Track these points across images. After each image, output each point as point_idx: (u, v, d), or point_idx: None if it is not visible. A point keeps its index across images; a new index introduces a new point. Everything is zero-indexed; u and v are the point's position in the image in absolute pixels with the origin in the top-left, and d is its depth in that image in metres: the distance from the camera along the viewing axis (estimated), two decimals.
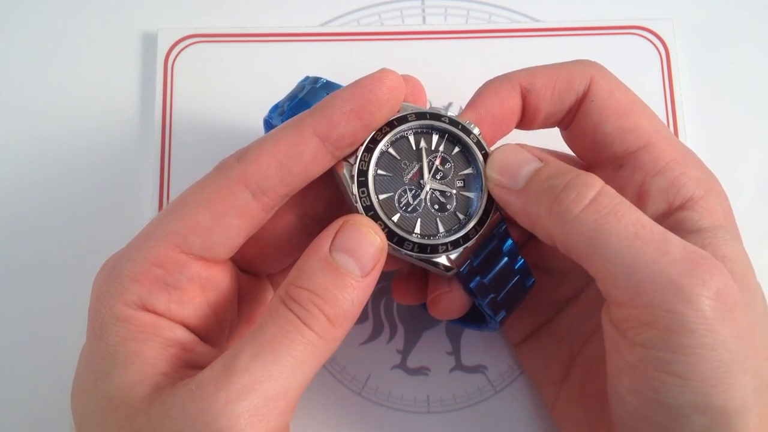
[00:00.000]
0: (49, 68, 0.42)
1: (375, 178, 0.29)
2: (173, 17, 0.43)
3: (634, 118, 0.31)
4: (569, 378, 0.33)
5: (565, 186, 0.27)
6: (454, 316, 0.32)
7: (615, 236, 0.26)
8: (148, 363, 0.26)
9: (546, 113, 0.32)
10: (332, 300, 0.26)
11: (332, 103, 0.27)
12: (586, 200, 0.27)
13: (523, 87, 0.31)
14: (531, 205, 0.28)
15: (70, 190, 0.40)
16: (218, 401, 0.24)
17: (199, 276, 0.28)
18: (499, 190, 0.29)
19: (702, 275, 0.25)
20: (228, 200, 0.27)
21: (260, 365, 0.24)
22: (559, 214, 0.27)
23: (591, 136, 0.32)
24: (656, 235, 0.26)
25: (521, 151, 0.30)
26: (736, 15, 0.44)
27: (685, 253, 0.26)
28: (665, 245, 0.26)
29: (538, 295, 0.33)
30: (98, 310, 0.27)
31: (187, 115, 0.41)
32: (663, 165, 0.30)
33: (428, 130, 0.30)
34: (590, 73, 0.31)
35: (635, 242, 0.26)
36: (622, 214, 0.26)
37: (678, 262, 0.25)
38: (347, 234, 0.27)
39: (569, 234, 0.27)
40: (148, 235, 0.28)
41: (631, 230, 0.26)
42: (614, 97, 0.31)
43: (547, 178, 0.28)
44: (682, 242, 0.26)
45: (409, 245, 0.29)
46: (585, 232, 0.26)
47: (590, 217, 0.27)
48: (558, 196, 0.27)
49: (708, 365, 0.25)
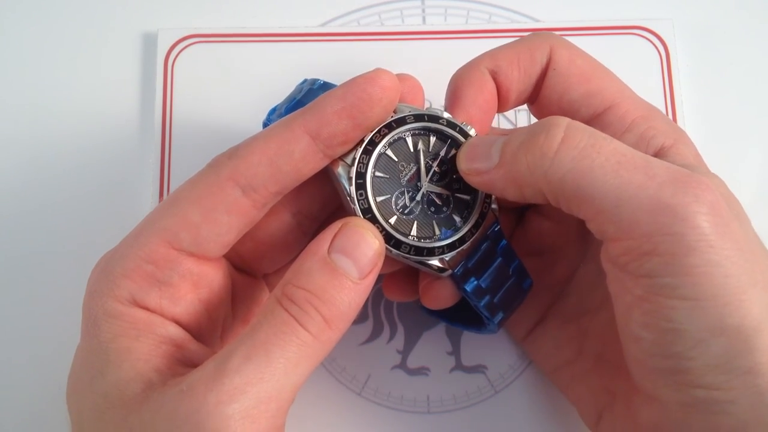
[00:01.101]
0: (49, 68, 0.42)
1: (373, 180, 0.29)
2: (173, 17, 0.43)
3: (597, 82, 0.31)
4: (583, 354, 0.33)
5: (533, 134, 0.27)
6: (446, 305, 0.31)
7: (598, 169, 0.25)
8: (141, 359, 0.26)
9: (517, 91, 0.32)
10: (329, 301, 0.26)
11: (324, 102, 0.27)
12: (558, 138, 0.26)
13: (490, 70, 0.31)
14: (511, 171, 0.28)
15: (70, 189, 0.40)
16: (209, 402, 0.24)
17: (190, 273, 0.28)
18: (479, 177, 0.29)
19: (693, 192, 0.25)
20: (217, 196, 0.27)
21: (253, 367, 0.24)
22: (536, 163, 0.27)
23: (557, 104, 0.32)
24: (639, 160, 0.26)
25: (485, 136, 0.30)
26: (736, 15, 0.44)
27: (671, 172, 0.25)
28: (650, 169, 0.25)
29: (536, 280, 0.33)
30: (91, 307, 0.27)
31: (187, 115, 0.41)
32: (630, 122, 0.31)
33: (426, 131, 0.30)
34: (549, 42, 0.32)
35: (620, 171, 0.25)
36: (600, 146, 0.26)
37: (667, 183, 0.25)
38: (346, 236, 0.27)
39: (553, 180, 0.26)
40: (140, 232, 0.28)
41: (612, 160, 0.26)
42: (575, 63, 0.32)
43: (517, 139, 0.28)
44: (664, 164, 0.26)
45: (405, 248, 0.29)
46: (567, 173, 0.26)
47: (568, 154, 0.26)
48: (530, 146, 0.27)
49: (717, 282, 0.24)
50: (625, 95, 0.31)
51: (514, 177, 0.28)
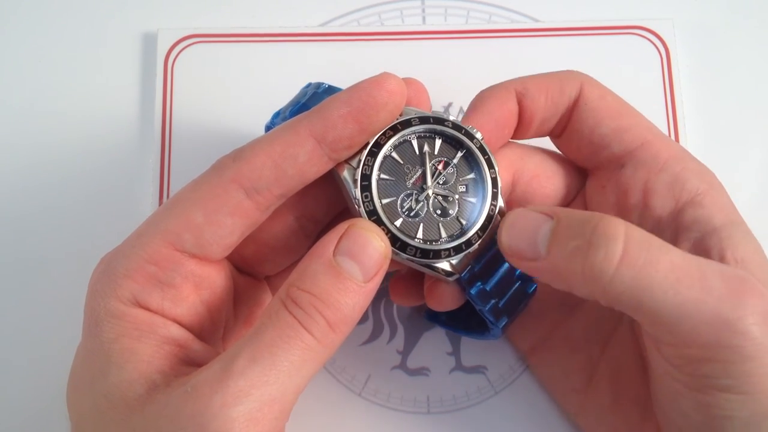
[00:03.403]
0: (49, 68, 0.42)
1: (378, 182, 0.29)
2: (173, 17, 0.43)
3: (628, 118, 0.32)
4: (594, 385, 0.33)
5: (590, 245, 0.26)
6: (450, 307, 0.31)
7: (657, 287, 0.25)
8: (144, 361, 0.26)
9: (541, 118, 0.32)
10: (334, 304, 0.26)
11: (330, 106, 0.27)
12: (617, 256, 0.25)
13: (517, 91, 0.32)
14: (562, 272, 0.27)
15: (70, 190, 0.40)
16: (214, 404, 0.24)
17: (192, 274, 0.28)
18: (525, 264, 0.28)
19: (749, 302, 0.25)
20: (221, 198, 0.27)
21: (258, 369, 0.24)
22: (593, 277, 0.26)
23: (588, 139, 0.32)
24: (694, 272, 0.26)
25: (529, 214, 0.28)
26: (736, 15, 0.44)
27: (725, 283, 0.26)
28: (705, 281, 0.26)
29: (542, 298, 0.33)
30: (93, 307, 0.27)
31: (187, 116, 0.41)
32: (663, 161, 0.31)
33: (431, 134, 0.30)
34: (580, 79, 0.32)
35: (679, 288, 0.25)
36: (657, 261, 0.26)
37: (724, 297, 0.25)
38: (352, 238, 0.27)
39: (610, 293, 0.26)
40: (142, 232, 0.28)
41: (671, 277, 0.25)
42: (606, 100, 0.32)
43: (568, 240, 0.27)
44: (718, 270, 0.26)
45: (411, 250, 0.28)
46: (626, 290, 0.26)
47: (627, 273, 0.25)
48: (587, 259, 0.26)
49: None
50: (655, 133, 0.32)
51: (566, 279, 0.27)
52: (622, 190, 0.31)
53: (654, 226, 0.30)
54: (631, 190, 0.31)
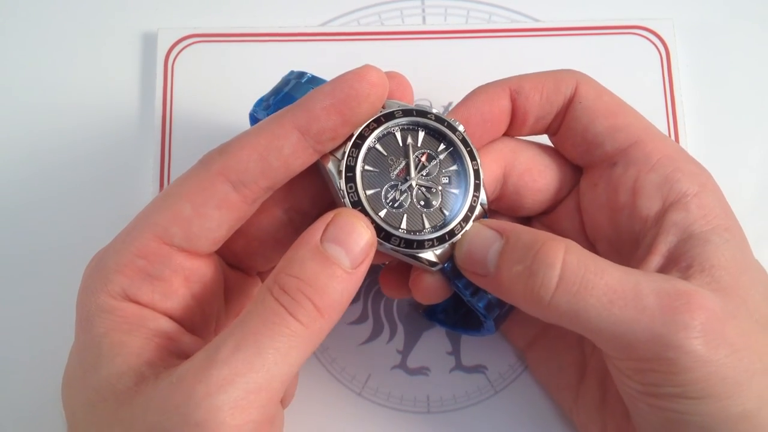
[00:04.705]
0: (49, 68, 0.42)
1: (362, 173, 0.29)
2: (173, 17, 0.43)
3: (623, 117, 0.32)
4: (586, 383, 0.33)
5: (530, 272, 0.27)
6: (437, 299, 0.31)
7: (592, 310, 0.27)
8: (133, 354, 0.26)
9: (535, 116, 0.33)
10: (322, 289, 0.26)
11: (313, 98, 0.27)
12: (553, 283, 0.27)
13: (512, 90, 0.32)
14: (508, 291, 0.29)
15: (70, 189, 0.40)
16: (197, 393, 0.24)
17: (182, 267, 0.28)
18: (476, 278, 0.30)
19: (682, 320, 0.26)
20: (208, 192, 0.27)
21: (242, 357, 0.24)
22: (533, 300, 0.27)
23: (582, 136, 0.32)
24: (629, 292, 0.27)
25: (483, 231, 0.30)
26: (736, 15, 0.44)
27: (659, 301, 0.26)
28: (639, 301, 0.26)
29: None
30: (84, 303, 0.27)
31: (186, 115, 0.41)
32: (655, 161, 0.31)
33: (414, 126, 0.30)
34: (576, 78, 0.32)
35: (612, 310, 0.26)
36: (592, 286, 0.27)
37: (657, 315, 0.26)
38: (338, 226, 0.27)
39: (549, 316, 0.28)
40: (132, 227, 0.28)
41: (605, 300, 0.27)
42: (602, 98, 0.32)
43: (512, 263, 0.28)
44: (655, 287, 0.27)
45: (395, 240, 0.29)
46: (563, 313, 0.27)
47: (563, 298, 0.27)
48: (527, 285, 0.27)
49: (715, 383, 0.26)
50: (650, 132, 0.32)
51: (511, 298, 0.29)
52: (612, 189, 0.32)
53: (641, 226, 0.31)
54: (621, 189, 0.31)
